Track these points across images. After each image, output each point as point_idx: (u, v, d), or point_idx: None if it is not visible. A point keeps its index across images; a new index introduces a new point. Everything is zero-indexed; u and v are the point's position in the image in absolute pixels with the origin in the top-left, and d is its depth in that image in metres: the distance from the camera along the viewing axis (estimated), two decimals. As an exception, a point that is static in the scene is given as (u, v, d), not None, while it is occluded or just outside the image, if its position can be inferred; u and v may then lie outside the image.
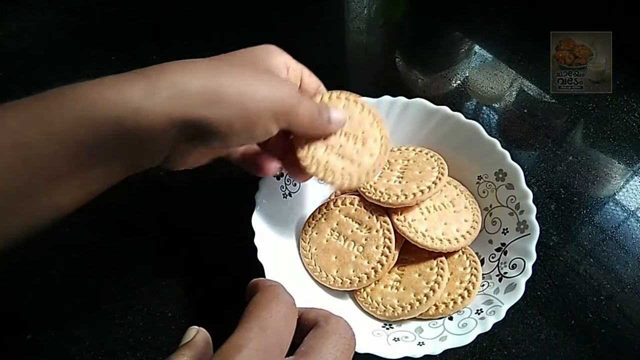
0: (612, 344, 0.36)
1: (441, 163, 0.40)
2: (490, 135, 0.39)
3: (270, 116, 0.29)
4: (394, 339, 0.33)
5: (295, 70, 0.34)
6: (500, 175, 0.38)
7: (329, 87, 0.55)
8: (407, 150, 0.42)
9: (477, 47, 0.57)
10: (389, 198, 0.38)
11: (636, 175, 0.46)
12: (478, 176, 0.40)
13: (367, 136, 0.35)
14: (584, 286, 0.39)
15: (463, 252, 0.37)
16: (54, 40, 0.59)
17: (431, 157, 0.41)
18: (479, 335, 0.31)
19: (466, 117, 0.40)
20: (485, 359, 0.36)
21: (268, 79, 0.30)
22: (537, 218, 0.35)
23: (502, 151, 0.38)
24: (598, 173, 0.46)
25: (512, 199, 0.37)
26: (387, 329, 0.34)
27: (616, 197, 0.45)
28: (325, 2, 0.64)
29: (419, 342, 0.32)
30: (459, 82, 0.54)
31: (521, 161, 0.38)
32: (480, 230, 0.38)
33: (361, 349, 0.30)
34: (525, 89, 0.53)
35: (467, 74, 0.55)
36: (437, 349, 0.31)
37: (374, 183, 0.39)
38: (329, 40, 0.60)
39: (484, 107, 0.52)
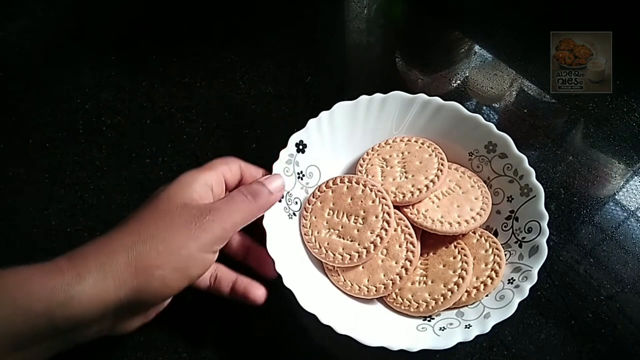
0: (612, 344, 0.36)
1: (435, 148, 0.41)
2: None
3: (203, 252, 0.29)
4: (440, 329, 0.33)
5: (219, 182, 0.34)
6: (491, 147, 0.39)
7: (330, 88, 0.55)
8: (396, 142, 0.42)
9: (477, 47, 0.57)
10: (403, 197, 0.38)
11: (636, 175, 0.46)
12: (469, 152, 0.40)
13: (367, 214, 0.37)
14: (584, 286, 0.39)
15: (481, 235, 0.37)
16: (54, 40, 0.59)
17: (422, 144, 0.41)
18: (479, 336, 0.31)
19: (466, 117, 0.40)
20: (485, 359, 0.36)
21: (184, 220, 0.29)
22: (537, 218, 0.35)
23: (487, 124, 0.39)
24: (598, 173, 0.46)
25: (508, 167, 0.38)
26: (429, 321, 0.34)
27: (616, 197, 0.45)
28: (325, 2, 0.64)
29: (466, 325, 0.32)
30: (459, 82, 0.54)
31: (521, 161, 0.38)
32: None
33: (414, 347, 0.30)
34: (525, 89, 0.53)
35: (467, 74, 0.55)
36: (485, 327, 0.31)
37: (381, 185, 0.39)
38: (329, 40, 0.60)
39: (484, 107, 0.52)
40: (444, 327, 0.33)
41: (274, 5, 0.63)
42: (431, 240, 0.38)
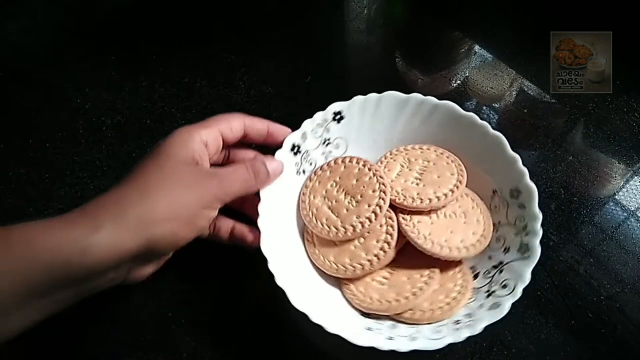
0: (612, 344, 0.36)
1: (461, 170, 0.40)
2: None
3: (206, 209, 0.33)
4: (367, 328, 0.33)
5: (215, 139, 0.36)
6: (515, 194, 0.37)
7: (329, 89, 0.55)
8: (429, 150, 0.42)
9: (477, 47, 0.57)
10: (404, 200, 0.38)
11: (636, 175, 0.46)
12: (493, 190, 0.39)
13: (362, 200, 0.38)
14: (584, 286, 0.39)
15: (460, 271, 0.36)
16: (54, 40, 0.59)
17: (452, 162, 0.40)
18: (479, 335, 0.30)
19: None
20: (485, 359, 0.36)
21: (190, 179, 0.32)
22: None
23: (522, 169, 0.37)
24: (598, 173, 0.46)
25: (521, 219, 0.36)
26: (365, 317, 0.34)
27: (616, 197, 0.45)
28: (325, 2, 0.64)
29: (389, 337, 0.32)
30: (459, 82, 0.54)
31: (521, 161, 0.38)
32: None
33: (332, 329, 0.30)
34: (525, 89, 0.53)
35: (467, 74, 0.55)
36: (404, 346, 0.30)
37: (391, 181, 0.39)
38: (329, 40, 0.60)
39: (484, 107, 0.52)
40: (370, 328, 0.33)
41: (274, 5, 0.63)
42: (414, 254, 0.36)
